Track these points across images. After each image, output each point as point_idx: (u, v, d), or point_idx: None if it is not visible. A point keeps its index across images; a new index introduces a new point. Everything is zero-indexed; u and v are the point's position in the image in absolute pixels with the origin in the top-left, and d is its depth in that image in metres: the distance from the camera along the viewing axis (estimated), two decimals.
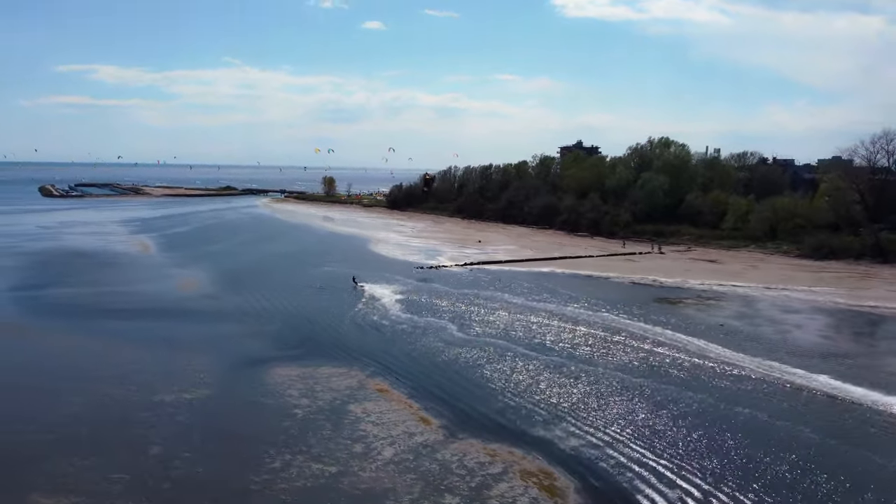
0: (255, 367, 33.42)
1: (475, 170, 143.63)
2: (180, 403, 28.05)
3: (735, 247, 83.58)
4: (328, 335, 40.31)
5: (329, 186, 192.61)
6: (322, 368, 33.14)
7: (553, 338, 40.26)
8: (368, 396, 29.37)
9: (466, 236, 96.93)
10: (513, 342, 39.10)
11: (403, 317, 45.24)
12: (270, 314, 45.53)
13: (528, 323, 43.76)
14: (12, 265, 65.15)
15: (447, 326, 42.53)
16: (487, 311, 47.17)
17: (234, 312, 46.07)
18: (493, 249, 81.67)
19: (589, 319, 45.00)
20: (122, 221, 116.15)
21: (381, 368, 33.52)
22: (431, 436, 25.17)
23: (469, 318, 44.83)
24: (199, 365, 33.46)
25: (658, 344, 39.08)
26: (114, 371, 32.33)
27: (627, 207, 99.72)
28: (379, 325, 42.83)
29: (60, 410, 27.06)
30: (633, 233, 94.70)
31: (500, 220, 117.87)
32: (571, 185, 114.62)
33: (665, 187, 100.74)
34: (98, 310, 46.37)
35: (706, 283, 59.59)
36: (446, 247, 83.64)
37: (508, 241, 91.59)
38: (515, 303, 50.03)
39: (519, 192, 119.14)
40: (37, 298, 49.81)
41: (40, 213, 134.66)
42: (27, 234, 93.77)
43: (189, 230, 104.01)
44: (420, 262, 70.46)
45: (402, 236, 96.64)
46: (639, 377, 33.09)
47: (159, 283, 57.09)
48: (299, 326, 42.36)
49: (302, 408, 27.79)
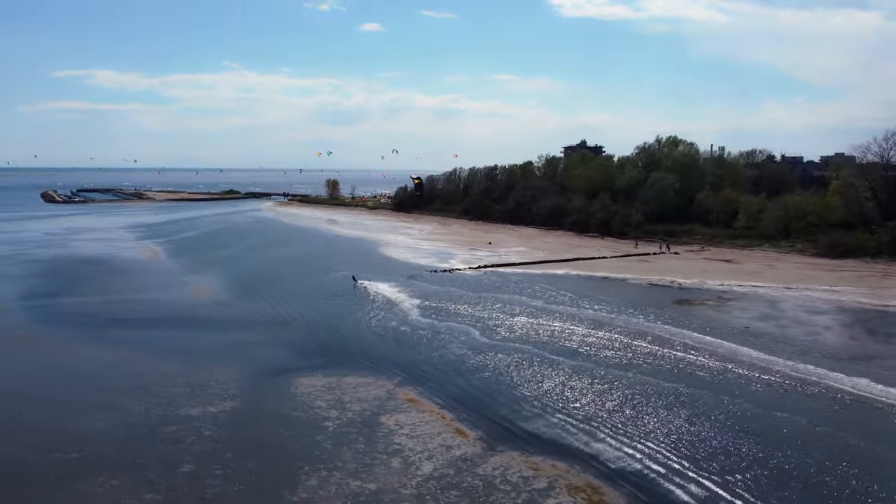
0: (279, 378, 32.62)
1: (480, 171, 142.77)
2: (206, 417, 27.27)
3: (749, 246, 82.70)
4: (349, 342, 39.52)
5: (333, 189, 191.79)
6: (348, 378, 32.35)
7: (578, 342, 39.46)
8: (399, 407, 28.56)
9: (476, 238, 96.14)
10: (538, 347, 38.31)
11: (423, 322, 44.46)
12: (287, 321, 44.75)
13: (551, 327, 42.96)
14: (22, 273, 64.44)
15: (469, 331, 41.75)
16: (508, 314, 46.37)
17: (251, 320, 45.28)
18: (504, 251, 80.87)
19: (612, 322, 44.20)
20: (128, 227, 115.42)
21: (408, 377, 32.73)
22: (469, 449, 24.36)
23: (491, 323, 44.04)
24: (221, 376, 32.68)
25: (686, 347, 38.27)
26: (135, 383, 31.55)
27: (638, 207, 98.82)
28: (399, 331, 42.05)
29: (85, 426, 26.28)
30: (645, 233, 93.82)
31: (508, 221, 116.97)
32: (580, 185, 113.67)
33: (675, 186, 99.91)
34: (112, 319, 45.59)
35: (725, 283, 58.74)
36: (457, 249, 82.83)
37: (519, 242, 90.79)
38: (535, 306, 49.23)
39: (526, 193, 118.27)
40: (49, 307, 49.08)
41: (44, 219, 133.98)
42: (34, 240, 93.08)
43: (196, 235, 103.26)
44: (432, 265, 69.65)
45: (411, 239, 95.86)
46: (671, 382, 32.28)
47: (171, 291, 56.34)
48: (318, 334, 41.58)
49: (332, 420, 27.00)
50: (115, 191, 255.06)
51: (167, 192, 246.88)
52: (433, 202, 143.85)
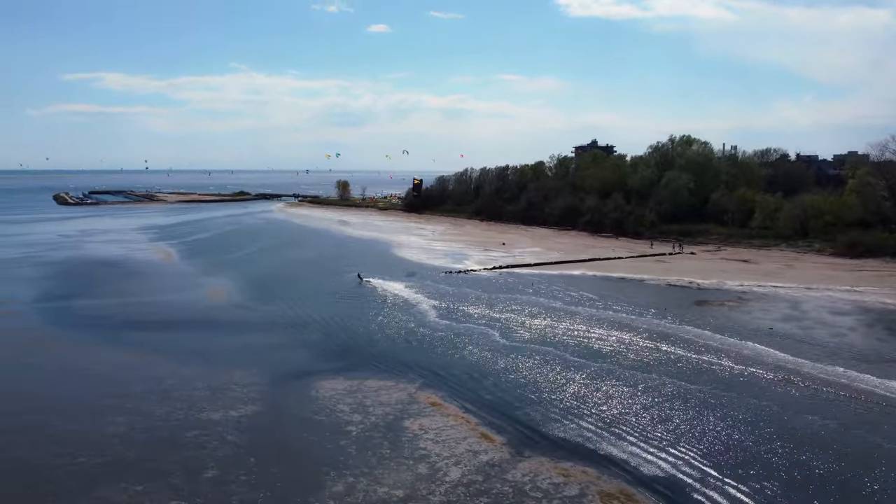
0: (300, 381, 32.25)
1: (491, 171, 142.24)
2: (228, 421, 26.90)
3: (766, 246, 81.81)
4: (368, 345, 39.11)
5: (343, 190, 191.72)
6: (369, 381, 31.94)
7: (600, 344, 38.91)
8: (422, 411, 28.12)
9: (489, 239, 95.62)
10: (560, 349, 37.80)
11: (441, 323, 44.01)
12: (304, 323, 44.39)
13: (571, 328, 42.41)
14: (38, 275, 64.43)
15: (489, 333, 41.27)
16: (527, 316, 45.85)
17: (268, 322, 44.97)
18: (518, 252, 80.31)
19: (633, 324, 43.61)
20: (141, 229, 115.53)
21: (429, 380, 32.28)
22: (497, 454, 23.88)
23: (510, 324, 43.54)
24: (241, 379, 32.34)
25: (709, 349, 37.66)
26: (154, 386, 31.24)
27: (652, 207, 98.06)
28: (418, 333, 41.60)
29: (106, 430, 25.96)
30: (660, 233, 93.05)
31: (521, 221, 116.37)
32: (592, 185, 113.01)
33: (690, 186, 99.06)
34: (128, 321, 45.38)
35: (744, 284, 57.98)
36: (471, 250, 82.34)
37: (532, 243, 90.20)
38: (554, 307, 48.68)
39: (539, 193, 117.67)
40: (66, 309, 48.91)
41: (57, 221, 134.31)
42: (48, 242, 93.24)
43: (208, 237, 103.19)
44: (447, 266, 69.19)
45: (424, 240, 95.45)
46: (697, 384, 31.72)
47: (186, 293, 56.11)
48: (336, 336, 41.19)
49: (355, 424, 26.58)
50: (126, 193, 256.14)
51: (178, 193, 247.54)
52: (444, 203, 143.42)
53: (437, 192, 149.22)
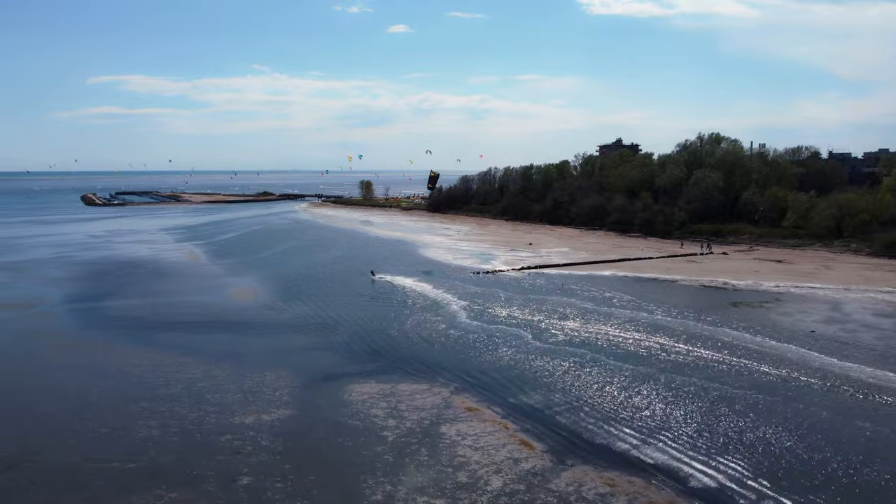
0: (332, 384, 31.76)
1: (516, 170, 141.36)
2: (262, 426, 26.45)
3: (800, 246, 79.92)
4: (399, 347, 38.52)
5: (367, 190, 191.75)
6: (402, 385, 31.34)
7: (636, 346, 37.93)
8: (458, 416, 27.43)
9: (515, 239, 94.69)
10: (595, 351, 36.92)
11: (473, 325, 43.31)
12: (335, 325, 43.95)
13: (606, 330, 41.47)
14: (68, 276, 64.90)
15: (522, 335, 40.50)
16: (559, 317, 44.97)
17: (297, 323, 44.61)
18: (546, 252, 79.29)
19: (669, 326, 42.54)
20: (167, 229, 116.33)
21: (464, 383, 31.60)
22: (538, 462, 23.13)
23: (542, 326, 42.71)
24: (272, 381, 31.93)
25: (750, 352, 36.51)
26: (186, 389, 30.95)
27: (682, 206, 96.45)
28: (449, 334, 40.92)
29: (139, 434, 25.65)
30: (690, 233, 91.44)
31: (547, 221, 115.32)
32: (619, 184, 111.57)
33: (720, 184, 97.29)
34: (159, 322, 45.31)
35: (781, 285, 56.50)
36: (498, 250, 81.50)
37: (559, 243, 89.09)
38: (586, 308, 47.73)
39: (565, 193, 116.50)
40: (97, 310, 49.03)
41: (86, 221, 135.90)
42: (78, 243, 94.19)
43: (234, 237, 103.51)
44: (475, 266, 68.46)
45: (450, 240, 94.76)
46: (740, 388, 30.68)
47: (215, 293, 56.03)
48: (367, 337, 40.66)
49: (391, 430, 25.98)
50: (151, 193, 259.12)
51: (203, 194, 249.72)
52: (468, 202, 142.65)
53: (461, 191, 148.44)
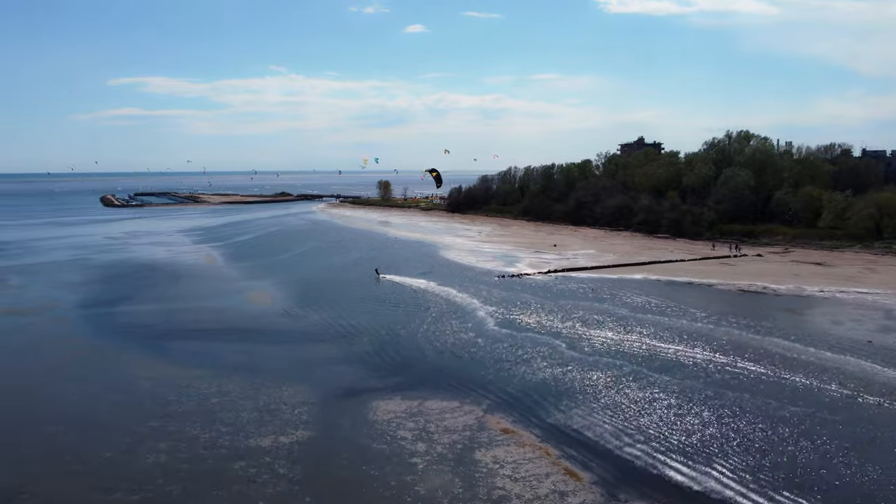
0: (354, 400, 29.46)
1: (536, 170, 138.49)
2: (279, 450, 24.20)
3: (838, 247, 76.49)
4: (425, 358, 36.18)
5: (385, 190, 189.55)
6: (430, 402, 28.97)
7: (679, 357, 35.27)
8: (494, 439, 25.01)
9: (539, 240, 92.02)
10: (634, 362, 34.34)
11: (501, 333, 40.88)
12: (356, 333, 41.72)
13: (643, 339, 38.84)
14: (83, 279, 63.38)
15: (554, 344, 37.99)
16: (593, 325, 42.41)
17: (316, 331, 42.45)
18: (572, 254, 76.60)
19: (711, 334, 39.82)
20: (185, 231, 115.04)
21: (497, 400, 29.18)
22: (587, 496, 20.66)
23: (576, 334, 40.17)
24: (290, 397, 29.73)
25: (804, 365, 33.73)
26: (198, 406, 28.84)
27: (711, 206, 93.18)
28: (477, 344, 38.50)
29: (147, 459, 23.50)
30: (720, 233, 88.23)
31: (570, 221, 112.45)
32: (645, 183, 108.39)
33: (751, 183, 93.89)
34: (172, 329, 43.39)
35: (825, 289, 53.44)
36: (521, 252, 78.92)
37: (585, 244, 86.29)
38: (621, 315, 45.11)
39: (588, 193, 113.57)
40: (110, 316, 47.22)
41: (105, 223, 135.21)
42: (96, 245, 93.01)
43: (251, 239, 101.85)
44: (499, 269, 66.00)
45: (472, 241, 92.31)
46: (797, 405, 28.05)
47: (230, 298, 54.06)
48: (390, 347, 38.36)
49: (420, 455, 23.61)
50: (170, 194, 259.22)
51: (221, 195, 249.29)
52: (488, 203, 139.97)
53: (480, 191, 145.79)
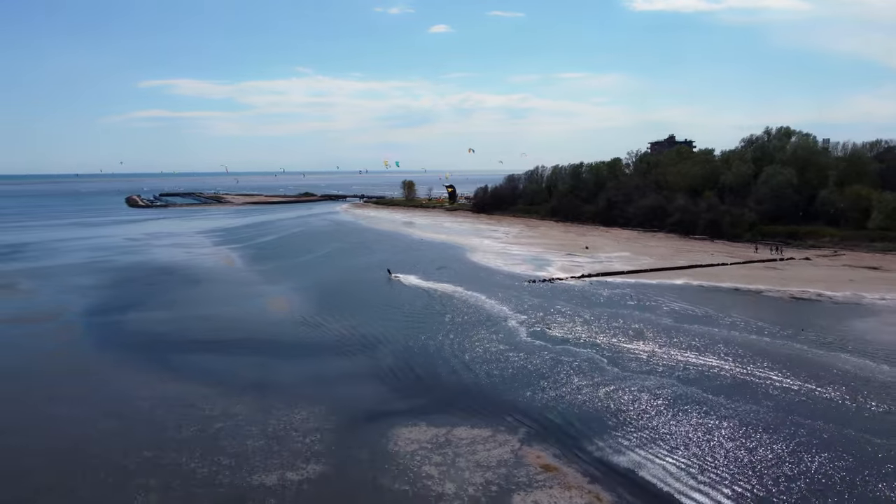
0: (373, 427, 26.19)
1: (564, 169, 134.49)
2: (287, 489, 21.02)
3: (891, 250, 71.56)
4: (452, 374, 32.82)
5: (409, 190, 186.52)
6: (459, 430, 25.61)
7: (736, 376, 31.47)
8: (534, 479, 21.55)
9: (569, 241, 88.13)
10: (688, 382, 30.64)
11: (535, 345, 37.41)
12: (377, 344, 38.54)
13: (694, 354, 35.07)
14: (97, 283, 61.21)
15: (595, 359, 34.41)
16: (635, 336, 38.73)
17: (334, 342, 39.35)
18: (605, 257, 72.70)
19: (767, 349, 35.90)
20: (206, 231, 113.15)
21: (534, 428, 25.71)
22: None
23: (618, 348, 36.53)
24: (302, 423, 26.57)
25: (885, 388, 29.73)
26: (199, 432, 25.81)
27: (751, 207, 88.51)
28: (509, 358, 35.05)
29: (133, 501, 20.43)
30: (761, 235, 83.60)
31: (600, 222, 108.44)
32: (679, 182, 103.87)
33: (793, 182, 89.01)
34: (181, 340, 40.62)
35: (886, 297, 49.05)
36: (552, 255, 75.20)
37: (618, 246, 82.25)
38: (666, 325, 41.35)
39: (619, 192, 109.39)
40: (117, 325, 44.61)
41: (127, 223, 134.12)
42: (116, 246, 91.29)
43: (273, 240, 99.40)
44: (529, 273, 62.44)
45: (499, 243, 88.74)
46: (884, 437, 24.10)
47: (246, 305, 51.21)
48: (414, 361, 35.08)
49: (448, 500, 20.26)
50: (195, 195, 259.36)
51: (245, 195, 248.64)
52: (515, 203, 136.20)
53: (507, 191, 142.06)
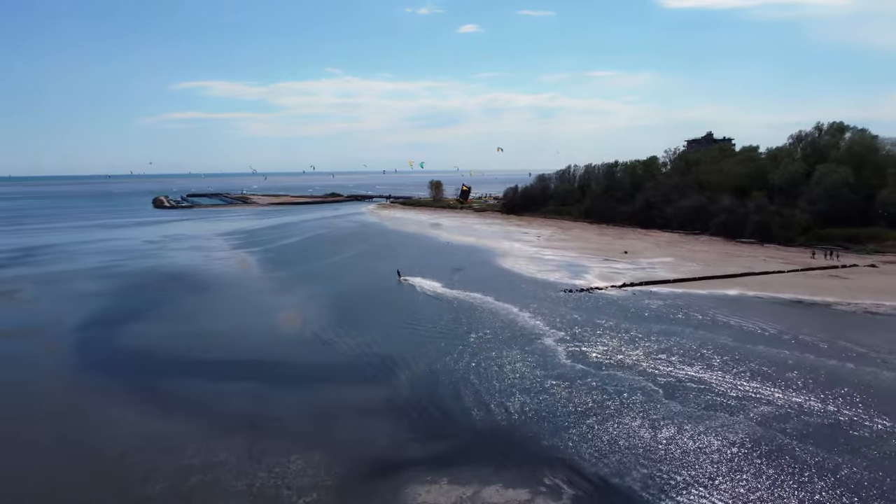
0: (385, 485, 21.28)
1: (598, 168, 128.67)
2: None
3: None
4: (480, 409, 27.75)
5: (436, 190, 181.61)
6: (488, 490, 20.59)
7: (828, 418, 25.95)
8: None
9: (606, 245, 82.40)
10: (765, 424, 25.24)
11: (576, 370, 32.24)
12: (392, 368, 33.68)
13: (767, 385, 29.57)
14: (102, 290, 57.52)
15: (649, 390, 29.15)
16: (692, 361, 33.31)
17: (345, 366, 34.57)
18: (647, 263, 66.98)
19: (858, 380, 30.21)
20: (227, 234, 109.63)
21: (584, 490, 20.57)
22: None
23: (674, 376, 31.17)
24: (297, 475, 21.81)
25: None
26: (170, 488, 21.27)
27: (804, 207, 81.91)
28: (547, 387, 29.92)
29: None
30: (816, 238, 77.07)
31: (637, 224, 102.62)
32: (722, 182, 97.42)
33: (850, 181, 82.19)
34: (173, 360, 36.14)
35: None
36: (588, 260, 69.70)
37: (659, 251, 76.36)
38: (725, 346, 35.82)
39: (658, 192, 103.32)
40: (108, 341, 40.36)
41: (149, 225, 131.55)
42: (132, 250, 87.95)
43: (293, 243, 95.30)
44: (565, 281, 57.13)
45: (530, 246, 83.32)
46: None
47: (254, 318, 46.67)
48: (436, 391, 30.13)
49: None
50: (222, 195, 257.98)
51: (271, 195, 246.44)
52: (546, 203, 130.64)
53: (537, 191, 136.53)
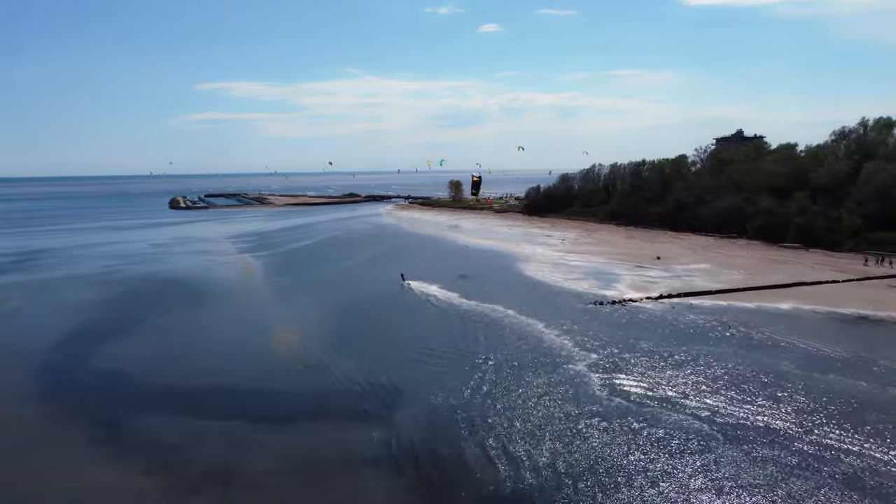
0: None
1: (624, 167, 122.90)
2: None
3: None
4: (498, 463, 22.73)
5: (456, 191, 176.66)
6: None
7: None
8: None
9: (635, 250, 76.83)
10: (852, 481, 19.94)
11: (615, 405, 27.16)
12: (395, 402, 28.78)
13: (846, 428, 24.23)
14: (94, 299, 53.66)
15: (705, 433, 23.99)
16: (750, 392, 28.04)
17: (341, 398, 29.73)
18: (683, 270, 61.41)
19: None
20: (237, 236, 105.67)
21: None
22: None
23: (730, 413, 25.96)
24: None
25: None
26: None
27: (851, 209, 75.75)
28: (580, 431, 24.86)
29: None
30: (867, 242, 70.94)
31: (667, 226, 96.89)
32: (759, 182, 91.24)
33: None
34: (147, 388, 31.52)
35: None
36: (618, 266, 64.25)
37: (695, 256, 70.66)
38: (786, 374, 30.45)
39: (690, 193, 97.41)
40: (82, 362, 35.90)
41: (161, 227, 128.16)
42: (136, 254, 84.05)
43: (305, 246, 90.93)
44: (593, 291, 51.88)
45: (554, 251, 77.98)
46: None
47: (245, 333, 42.11)
48: (442, 436, 25.20)
49: None
50: (239, 196, 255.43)
51: (287, 195, 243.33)
52: (570, 204, 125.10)
53: (561, 192, 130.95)
